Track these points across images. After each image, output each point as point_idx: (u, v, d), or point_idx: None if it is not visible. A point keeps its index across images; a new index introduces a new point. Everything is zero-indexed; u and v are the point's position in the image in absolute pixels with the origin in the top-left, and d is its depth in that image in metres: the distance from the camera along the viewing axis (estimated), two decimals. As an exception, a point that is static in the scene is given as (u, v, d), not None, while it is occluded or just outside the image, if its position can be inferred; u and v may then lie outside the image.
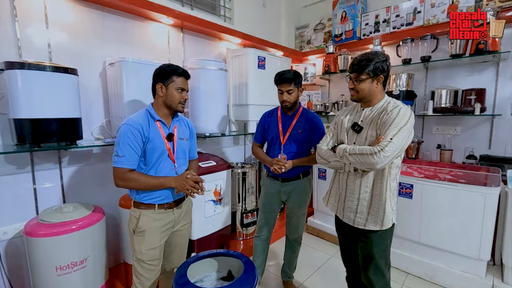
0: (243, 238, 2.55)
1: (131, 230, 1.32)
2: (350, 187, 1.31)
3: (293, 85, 1.68)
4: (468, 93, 2.29)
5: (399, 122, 1.15)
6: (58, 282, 1.38)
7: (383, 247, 1.28)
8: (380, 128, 1.20)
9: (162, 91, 1.30)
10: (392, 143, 1.10)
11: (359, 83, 1.26)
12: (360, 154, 1.16)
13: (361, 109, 1.34)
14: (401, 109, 1.19)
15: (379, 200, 1.23)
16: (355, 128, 1.31)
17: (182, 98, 1.33)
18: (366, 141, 1.25)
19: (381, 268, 1.29)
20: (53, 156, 1.72)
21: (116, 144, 1.22)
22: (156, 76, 1.32)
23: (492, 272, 1.92)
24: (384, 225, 1.23)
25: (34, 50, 1.61)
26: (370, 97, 1.28)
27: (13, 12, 1.53)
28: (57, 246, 1.36)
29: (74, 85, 1.55)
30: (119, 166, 1.21)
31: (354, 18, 2.94)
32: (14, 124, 1.40)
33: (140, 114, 1.30)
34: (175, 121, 1.39)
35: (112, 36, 1.93)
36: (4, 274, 1.55)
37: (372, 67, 1.21)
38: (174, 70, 1.30)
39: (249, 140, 3.14)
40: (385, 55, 1.26)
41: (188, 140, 1.45)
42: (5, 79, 1.37)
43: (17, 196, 1.59)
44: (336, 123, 1.45)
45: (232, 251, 1.28)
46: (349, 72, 1.31)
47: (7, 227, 1.56)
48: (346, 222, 1.35)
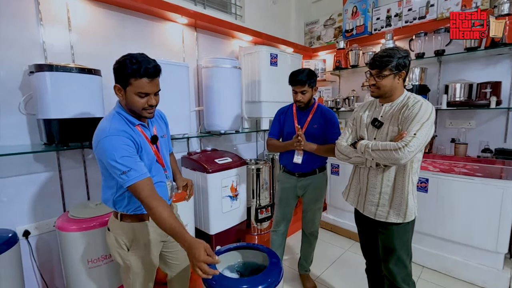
0: (258, 233, 2.60)
1: (123, 247, 1.14)
2: (372, 182, 1.33)
3: (306, 86, 1.70)
4: (483, 86, 2.27)
5: (422, 117, 1.16)
6: (89, 274, 1.45)
7: (405, 238, 1.30)
8: (402, 124, 1.21)
9: (121, 95, 1.04)
10: (416, 138, 1.12)
11: (381, 80, 1.25)
12: (383, 150, 1.17)
13: (380, 104, 1.35)
14: (422, 104, 1.20)
15: (401, 193, 1.25)
16: (375, 124, 1.32)
17: (146, 104, 1.04)
18: (387, 137, 1.26)
19: (402, 260, 1.31)
20: (78, 155, 1.78)
21: (112, 161, 0.96)
22: (114, 74, 1.04)
23: (509, 265, 1.92)
24: (407, 218, 1.25)
25: (58, 53, 1.67)
26: (390, 93, 1.28)
27: (38, 16, 1.58)
28: (88, 240, 1.43)
29: (98, 86, 1.60)
30: (132, 182, 0.97)
31: (365, 13, 2.93)
32: (44, 124, 1.46)
33: (115, 119, 1.04)
34: (152, 119, 1.19)
35: (130, 37, 1.98)
36: (36, 268, 1.62)
37: (395, 63, 1.21)
38: (132, 71, 0.98)
39: (261, 137, 3.17)
40: (405, 50, 1.26)
41: (167, 136, 1.30)
42: (35, 81, 1.43)
43: (45, 194, 1.66)
44: (355, 119, 1.46)
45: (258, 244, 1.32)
46: (370, 68, 1.29)
47: (38, 223, 1.63)
48: (367, 216, 1.37)
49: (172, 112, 1.60)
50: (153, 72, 1.02)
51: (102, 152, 0.99)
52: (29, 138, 1.60)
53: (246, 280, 1.12)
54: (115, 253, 1.16)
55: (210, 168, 2.05)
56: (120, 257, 1.15)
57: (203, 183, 2.11)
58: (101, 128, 1.03)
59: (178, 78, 1.99)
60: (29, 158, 1.59)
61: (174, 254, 1.33)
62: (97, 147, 1.01)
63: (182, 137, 2.16)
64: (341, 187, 2.65)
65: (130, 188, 0.99)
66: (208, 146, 2.53)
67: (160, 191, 1.18)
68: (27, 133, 1.59)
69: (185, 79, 2.05)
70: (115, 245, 1.14)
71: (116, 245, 1.14)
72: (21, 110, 1.55)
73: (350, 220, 2.68)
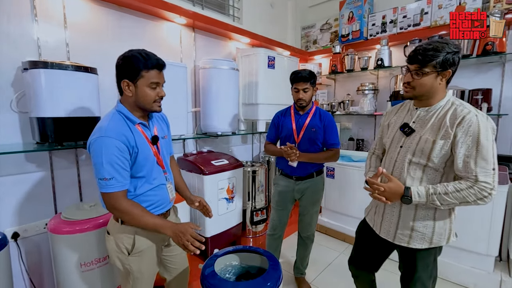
0: (253, 236, 2.58)
1: (124, 251, 1.11)
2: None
3: (309, 84, 1.70)
4: (475, 93, 2.33)
5: (487, 139, 0.95)
6: (82, 278, 1.40)
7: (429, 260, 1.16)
8: (455, 145, 1.00)
9: (131, 90, 1.04)
10: (495, 173, 0.96)
11: (420, 77, 1.04)
12: (463, 202, 1.00)
13: (415, 108, 1.15)
14: (479, 119, 0.97)
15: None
16: (404, 130, 1.13)
17: (157, 96, 1.07)
18: (417, 146, 1.08)
19: (423, 282, 1.17)
20: (71, 155, 1.73)
21: (98, 164, 0.96)
22: (120, 69, 1.03)
23: (499, 268, 1.97)
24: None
25: (53, 50, 1.63)
26: (429, 95, 1.07)
27: (33, 12, 1.54)
28: (82, 243, 1.39)
29: (94, 84, 1.57)
30: (109, 191, 0.98)
31: (361, 19, 2.98)
32: (37, 123, 1.41)
33: (114, 119, 1.04)
34: (153, 119, 1.18)
35: (128, 35, 1.95)
36: (25, 271, 1.56)
37: (442, 58, 0.99)
38: (143, 63, 1.01)
39: (256, 139, 3.17)
40: (457, 45, 1.02)
41: (168, 137, 1.27)
42: (28, 78, 1.39)
43: (36, 195, 1.61)
44: (382, 125, 1.32)
45: (258, 247, 1.31)
46: (408, 62, 1.08)
47: (28, 225, 1.57)
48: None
49: (168, 113, 1.57)
50: (163, 64, 1.07)
51: (93, 151, 0.98)
52: (20, 137, 1.55)
53: (245, 284, 1.10)
54: (114, 258, 1.12)
55: (207, 169, 2.03)
56: (120, 261, 1.12)
57: (199, 185, 2.09)
58: (97, 127, 1.02)
59: (175, 79, 1.96)
60: (20, 157, 1.54)
61: (174, 258, 1.30)
62: (90, 145, 1.00)
63: (178, 138, 2.14)
64: (337, 190, 2.69)
65: (106, 195, 1.00)
66: (204, 147, 2.51)
67: (161, 193, 1.16)
68: (19, 131, 1.54)
69: (183, 79, 2.04)
70: (115, 250, 1.11)
71: (116, 249, 1.11)
72: (13, 107, 1.50)
73: (345, 223, 2.70)
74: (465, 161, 0.99)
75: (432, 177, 1.10)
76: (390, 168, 1.19)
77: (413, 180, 1.11)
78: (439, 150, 1.04)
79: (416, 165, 1.11)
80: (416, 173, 1.11)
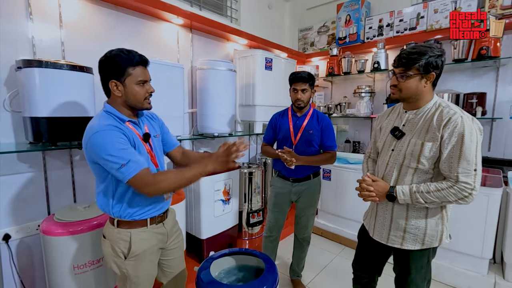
0: (249, 238, 2.57)
1: (120, 255, 1.08)
2: (383, 204, 1.22)
3: (307, 85, 1.71)
4: (469, 97, 2.36)
5: (471, 140, 0.97)
6: (75, 281, 1.38)
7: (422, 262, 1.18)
8: (442, 146, 1.02)
9: (120, 90, 1.02)
10: (478, 174, 0.97)
11: (404, 80, 1.07)
12: (444, 201, 1.02)
13: (404, 111, 1.17)
14: (464, 121, 0.99)
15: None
16: (395, 134, 1.16)
17: (147, 92, 1.06)
18: (407, 149, 1.11)
19: (417, 284, 1.18)
20: (65, 155, 1.71)
21: (107, 156, 0.93)
22: (104, 71, 1.02)
23: (493, 270, 1.99)
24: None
25: (48, 48, 1.61)
26: (415, 97, 1.10)
27: (28, 10, 1.52)
28: (75, 245, 1.36)
29: (89, 84, 1.55)
30: (134, 173, 0.94)
31: (358, 22, 3.00)
32: (31, 123, 1.39)
33: (104, 117, 1.02)
34: (142, 118, 1.17)
35: (124, 35, 1.93)
36: (16, 273, 1.53)
37: (424, 62, 1.02)
38: (127, 60, 1.00)
39: (253, 140, 3.16)
40: (440, 49, 1.06)
41: (160, 136, 1.25)
42: (22, 77, 1.36)
43: (28, 195, 1.58)
44: (374, 128, 1.35)
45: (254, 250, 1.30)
46: (394, 66, 1.11)
47: (19, 226, 1.54)
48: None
49: (165, 113, 1.56)
50: (146, 60, 1.07)
51: (95, 148, 0.94)
52: (13, 137, 1.52)
53: (241, 287, 1.09)
54: (111, 262, 1.10)
55: (203, 171, 2.02)
56: (117, 266, 1.09)
57: (195, 186, 2.07)
58: (89, 126, 1.00)
59: (172, 79, 1.95)
60: (13, 157, 1.51)
61: (171, 262, 1.28)
62: (87, 145, 0.97)
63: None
64: (333, 192, 2.70)
65: (132, 181, 0.96)
66: (201, 148, 2.49)
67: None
68: (12, 131, 1.51)
69: (180, 80, 2.02)
70: (111, 254, 1.08)
71: (112, 253, 1.08)
72: (6, 107, 1.47)
73: (341, 225, 2.71)
74: (448, 161, 1.02)
75: (422, 180, 1.11)
76: (382, 171, 1.21)
77: (404, 183, 1.13)
78: (428, 152, 1.06)
79: (407, 168, 1.13)
80: (407, 175, 1.13)
